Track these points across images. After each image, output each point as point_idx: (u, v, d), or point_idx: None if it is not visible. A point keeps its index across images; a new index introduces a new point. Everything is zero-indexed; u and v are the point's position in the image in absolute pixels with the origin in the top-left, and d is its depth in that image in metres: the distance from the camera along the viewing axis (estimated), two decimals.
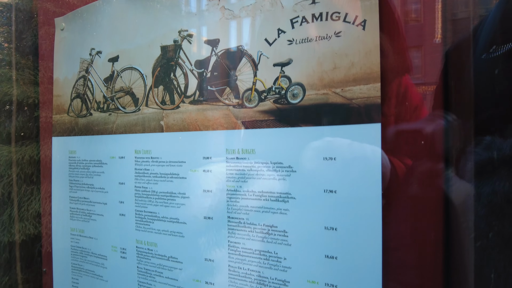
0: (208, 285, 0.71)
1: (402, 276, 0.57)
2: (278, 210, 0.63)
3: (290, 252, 0.62)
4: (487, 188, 0.50)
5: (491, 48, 0.50)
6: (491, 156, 0.50)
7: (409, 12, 0.56)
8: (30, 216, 0.85)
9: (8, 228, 0.81)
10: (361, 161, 0.55)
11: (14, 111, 0.83)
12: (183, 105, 0.73)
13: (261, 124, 0.64)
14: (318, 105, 0.59)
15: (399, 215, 0.56)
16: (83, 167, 0.90)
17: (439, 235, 0.55)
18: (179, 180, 0.74)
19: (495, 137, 0.50)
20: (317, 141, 0.59)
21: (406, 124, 0.55)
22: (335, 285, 0.58)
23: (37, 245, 0.88)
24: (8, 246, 0.83)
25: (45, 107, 0.91)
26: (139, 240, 0.81)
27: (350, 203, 0.57)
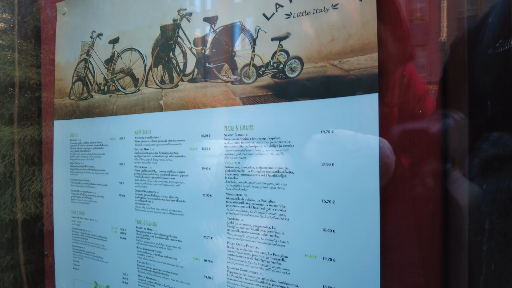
0: (207, 262, 0.71)
1: (400, 249, 0.57)
2: (276, 185, 0.63)
3: (288, 227, 0.62)
4: (492, 184, 0.49)
5: (497, 43, 0.50)
6: (496, 152, 0.49)
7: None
8: (32, 196, 0.86)
9: (10, 206, 0.81)
10: (358, 132, 0.55)
11: (17, 93, 0.84)
12: (182, 83, 0.73)
13: (259, 99, 0.64)
14: (316, 78, 0.59)
15: (397, 191, 0.56)
16: (84, 149, 0.91)
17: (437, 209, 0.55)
18: (178, 159, 0.74)
19: (502, 133, 0.49)
20: (314, 114, 0.59)
21: (404, 95, 0.55)
22: (333, 258, 0.58)
23: (38, 224, 0.89)
24: (10, 225, 0.84)
25: (47, 89, 0.92)
26: (138, 220, 0.81)
27: (348, 176, 0.57)
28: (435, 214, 0.54)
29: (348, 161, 0.56)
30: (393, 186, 0.56)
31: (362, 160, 0.55)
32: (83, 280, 0.94)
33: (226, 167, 0.68)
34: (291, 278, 0.62)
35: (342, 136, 0.57)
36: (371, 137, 0.54)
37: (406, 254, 0.55)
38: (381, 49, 0.54)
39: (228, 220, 0.68)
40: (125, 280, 0.85)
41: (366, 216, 0.55)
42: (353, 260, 0.56)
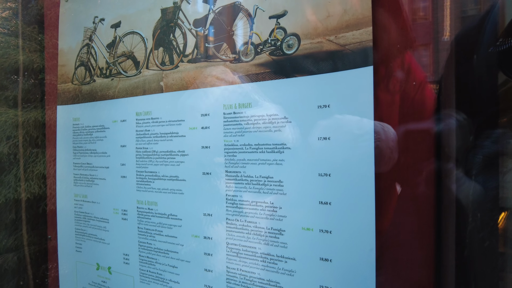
0: (207, 239, 0.73)
1: (396, 222, 0.58)
2: (274, 161, 0.64)
3: (285, 201, 0.63)
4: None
5: (498, 41, 0.50)
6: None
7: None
8: (35, 177, 0.87)
9: (14, 186, 0.83)
10: (354, 106, 0.57)
11: (21, 77, 0.86)
12: (182, 64, 0.75)
13: (257, 77, 0.66)
14: (313, 54, 0.60)
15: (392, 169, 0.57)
16: (87, 133, 0.92)
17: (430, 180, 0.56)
18: (179, 139, 0.76)
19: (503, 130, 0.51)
20: (311, 89, 0.60)
21: (399, 67, 0.56)
22: (329, 230, 0.59)
23: (42, 203, 0.91)
24: (14, 206, 0.86)
25: (50, 73, 0.94)
26: (139, 200, 0.83)
27: (344, 149, 0.58)
28: (428, 184, 0.55)
29: (344, 134, 0.58)
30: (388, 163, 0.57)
31: (357, 133, 0.56)
32: (86, 262, 0.95)
33: (225, 145, 0.70)
34: (288, 252, 0.63)
35: (338, 110, 0.58)
36: (366, 110, 0.55)
37: (400, 220, 0.56)
38: (375, 23, 0.55)
39: (227, 197, 0.70)
40: (126, 260, 0.86)
41: (362, 188, 0.56)
42: (349, 231, 0.57)
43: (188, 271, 0.76)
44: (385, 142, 0.56)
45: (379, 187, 0.55)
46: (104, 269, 0.91)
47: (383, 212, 0.56)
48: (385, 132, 0.56)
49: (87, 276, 0.95)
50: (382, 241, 0.56)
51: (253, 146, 0.66)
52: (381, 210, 0.56)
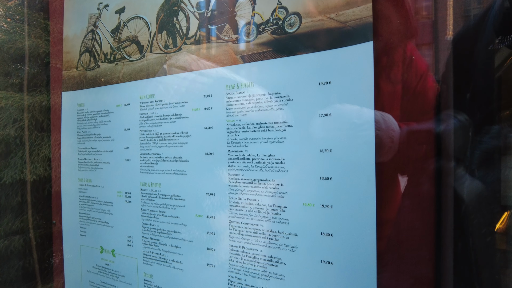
0: (210, 218, 0.74)
1: (397, 196, 0.59)
2: (276, 139, 0.65)
3: (286, 178, 0.64)
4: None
5: (497, 39, 0.51)
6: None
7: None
8: (41, 159, 0.89)
9: (20, 168, 0.85)
10: (355, 81, 0.58)
11: (26, 61, 0.87)
12: (185, 46, 0.76)
13: (259, 56, 0.67)
14: (314, 32, 0.61)
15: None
16: (91, 118, 0.94)
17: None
18: (182, 120, 0.77)
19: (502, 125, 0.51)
20: (312, 67, 0.61)
21: (398, 42, 0.57)
22: (330, 205, 0.60)
23: (47, 186, 0.92)
24: (20, 189, 0.87)
25: (55, 59, 0.96)
26: (143, 182, 0.84)
27: (344, 125, 0.59)
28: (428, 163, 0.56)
29: (345, 110, 0.58)
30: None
31: (358, 108, 0.57)
32: (90, 246, 0.97)
33: (227, 125, 0.71)
34: (290, 228, 0.64)
35: (340, 86, 0.59)
36: (367, 85, 0.56)
37: (401, 192, 0.57)
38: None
39: (229, 176, 0.71)
40: (129, 242, 0.88)
41: (362, 162, 0.57)
42: (349, 205, 0.58)
43: (191, 250, 0.77)
44: (396, 143, 0.57)
45: (380, 160, 0.56)
46: (108, 252, 0.92)
47: (383, 185, 0.57)
48: (396, 134, 0.57)
49: (91, 260, 0.96)
50: (382, 214, 0.57)
51: (255, 125, 0.67)
52: (382, 184, 0.57)
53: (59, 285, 1.00)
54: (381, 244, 0.57)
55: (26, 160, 0.82)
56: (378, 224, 0.56)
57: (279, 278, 0.65)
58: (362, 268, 0.57)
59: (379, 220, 0.56)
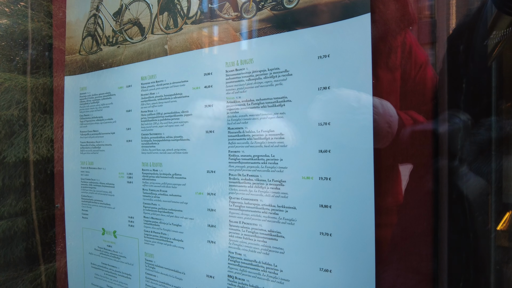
0: (210, 196, 0.75)
1: (395, 167, 0.60)
2: (275, 115, 0.66)
3: (286, 153, 0.65)
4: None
5: (491, 34, 0.52)
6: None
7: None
8: (44, 140, 0.90)
9: (24, 147, 0.86)
10: (353, 53, 0.58)
11: (30, 44, 0.89)
12: (185, 26, 0.77)
13: (259, 33, 0.67)
14: (313, 6, 0.62)
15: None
16: (93, 101, 0.95)
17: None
18: (182, 99, 0.78)
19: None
20: (311, 41, 0.62)
21: (396, 13, 0.57)
22: (328, 177, 0.61)
23: (49, 165, 0.93)
24: (23, 170, 0.88)
25: (57, 42, 0.97)
26: (144, 162, 0.85)
27: (343, 98, 0.59)
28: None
29: (343, 82, 0.59)
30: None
31: (357, 80, 0.58)
32: (91, 228, 0.98)
33: (227, 102, 0.71)
34: (289, 201, 0.65)
35: (338, 59, 0.60)
36: (365, 57, 0.57)
37: (399, 163, 0.58)
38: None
39: (229, 153, 0.72)
40: (131, 223, 0.89)
41: (361, 135, 0.57)
42: (348, 177, 0.59)
43: (191, 228, 0.78)
44: (394, 129, 0.58)
45: (377, 146, 0.57)
46: (110, 233, 0.93)
47: (381, 157, 0.58)
48: (394, 119, 0.58)
49: (93, 242, 0.97)
50: (381, 185, 0.58)
51: (255, 101, 0.68)
52: (380, 156, 0.58)
53: (61, 267, 1.01)
54: (380, 215, 0.57)
55: (29, 140, 0.83)
56: (377, 195, 0.56)
57: (279, 252, 0.66)
58: (361, 239, 0.58)
59: (377, 191, 0.57)
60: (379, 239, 0.57)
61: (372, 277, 0.56)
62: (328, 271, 0.61)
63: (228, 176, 0.72)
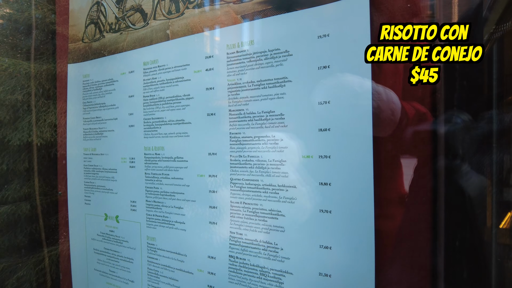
0: (212, 177, 0.75)
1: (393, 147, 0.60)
2: (276, 95, 0.67)
3: (286, 133, 0.66)
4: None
5: (491, 29, 0.52)
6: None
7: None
8: (47, 125, 0.91)
9: (28, 131, 0.87)
10: (352, 31, 0.59)
11: (33, 31, 0.90)
12: (187, 11, 0.78)
13: (259, 14, 0.68)
14: None
15: None
16: (96, 88, 0.96)
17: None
18: (184, 83, 0.79)
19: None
20: (311, 21, 0.63)
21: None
22: (328, 155, 0.62)
23: (53, 149, 0.95)
24: (27, 155, 0.89)
25: (60, 28, 0.98)
26: (147, 147, 0.86)
27: (343, 76, 0.60)
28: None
29: (343, 61, 0.60)
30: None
31: (356, 59, 0.59)
32: (94, 214, 0.99)
33: (228, 84, 0.72)
34: (289, 180, 0.65)
35: (337, 38, 0.61)
36: (363, 35, 0.58)
37: (398, 145, 0.58)
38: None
39: (230, 135, 0.72)
40: (133, 207, 0.89)
41: (360, 113, 0.58)
42: (347, 154, 0.59)
43: (193, 210, 0.78)
44: (397, 116, 0.59)
45: (378, 133, 0.58)
46: (112, 218, 0.94)
47: (380, 137, 0.58)
48: (397, 107, 0.58)
49: (95, 227, 0.98)
50: (379, 162, 0.58)
51: (256, 82, 0.69)
52: (379, 133, 0.58)
53: (64, 252, 1.02)
54: (379, 191, 0.58)
55: (33, 125, 0.85)
56: (375, 171, 0.57)
57: (279, 230, 0.66)
58: (360, 215, 0.58)
59: (376, 167, 0.57)
60: (378, 215, 0.58)
61: (371, 253, 0.57)
62: (328, 248, 0.61)
63: (229, 157, 0.73)
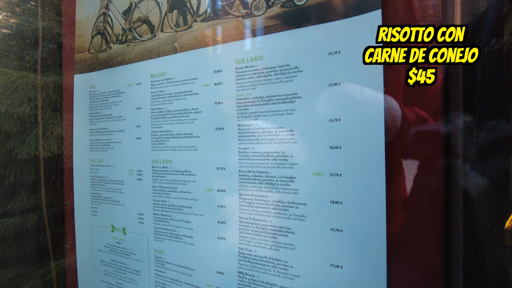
0: (220, 192, 0.75)
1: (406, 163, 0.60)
2: (285, 111, 0.66)
3: (296, 149, 0.65)
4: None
5: (492, 41, 0.51)
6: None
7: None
8: (54, 138, 0.91)
9: (35, 144, 0.87)
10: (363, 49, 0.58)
11: (40, 43, 0.90)
12: (195, 24, 0.78)
13: (269, 29, 0.68)
14: (323, 3, 0.62)
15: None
16: (103, 99, 0.96)
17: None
18: (192, 97, 0.78)
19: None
20: (322, 38, 0.62)
21: (407, 10, 0.57)
22: (339, 173, 0.61)
23: (60, 162, 0.95)
24: (34, 167, 0.89)
25: (67, 40, 0.98)
26: (154, 159, 0.85)
27: (354, 93, 0.59)
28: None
29: (354, 78, 0.59)
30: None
31: (367, 77, 0.58)
32: (101, 225, 0.98)
33: (237, 99, 0.72)
34: (299, 197, 0.65)
35: (349, 55, 0.60)
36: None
37: (410, 157, 0.58)
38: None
39: (239, 150, 0.72)
40: (140, 220, 0.89)
41: (372, 131, 0.58)
42: (359, 173, 0.59)
43: (201, 225, 0.78)
44: (397, 122, 0.58)
45: (389, 129, 0.57)
46: (119, 230, 0.94)
47: (393, 152, 0.58)
48: (397, 113, 0.58)
49: (102, 239, 0.98)
50: (392, 181, 0.58)
51: (265, 98, 0.68)
52: (391, 150, 0.58)
53: (71, 263, 1.02)
54: (391, 211, 0.57)
55: (40, 138, 0.84)
56: (388, 190, 0.56)
57: (289, 248, 0.66)
58: (372, 235, 0.58)
59: (389, 186, 0.57)
60: (390, 235, 0.57)
61: (383, 273, 0.56)
62: (339, 267, 0.61)
63: (238, 172, 0.72)
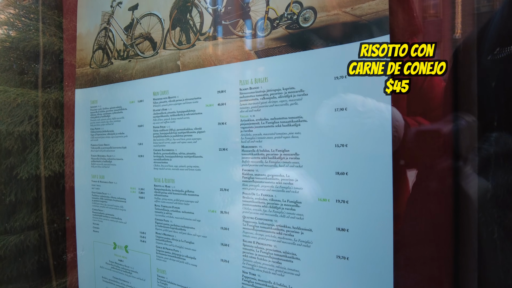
0: (223, 214, 0.74)
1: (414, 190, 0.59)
2: (290, 134, 0.65)
3: (301, 174, 0.64)
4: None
5: (495, 50, 0.51)
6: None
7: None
8: (56, 155, 0.90)
9: (36, 163, 0.86)
10: (371, 75, 0.57)
11: (41, 59, 0.89)
12: (198, 42, 0.76)
13: (274, 51, 0.67)
14: (329, 26, 0.61)
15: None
16: (104, 115, 0.95)
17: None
18: (195, 116, 0.77)
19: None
20: (328, 61, 0.61)
21: (415, 35, 0.56)
22: (346, 200, 0.60)
23: (61, 181, 0.94)
24: (35, 184, 0.89)
25: (68, 56, 0.97)
26: (157, 178, 0.84)
27: (360, 120, 0.58)
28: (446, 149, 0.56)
29: (361, 104, 0.58)
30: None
31: (374, 102, 0.57)
32: (103, 242, 0.98)
33: (241, 120, 0.71)
34: (305, 223, 0.64)
35: (355, 80, 0.59)
36: (382, 79, 0.56)
37: (418, 188, 0.57)
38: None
39: (243, 171, 0.71)
40: (143, 238, 0.88)
41: (379, 157, 0.56)
42: (365, 200, 0.58)
43: (204, 246, 0.77)
44: (400, 133, 0.57)
45: (397, 155, 0.56)
46: (121, 248, 0.93)
47: (400, 180, 0.57)
48: (400, 124, 0.57)
49: (104, 255, 0.97)
50: (399, 209, 0.57)
51: (269, 120, 0.67)
52: (399, 178, 0.57)
53: (73, 280, 1.01)
54: (398, 239, 0.56)
55: (41, 156, 0.83)
56: (395, 219, 0.55)
57: (294, 274, 0.65)
58: (379, 264, 0.57)
59: (396, 215, 0.56)
60: (397, 264, 0.56)
61: None
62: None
63: (242, 194, 0.71)
